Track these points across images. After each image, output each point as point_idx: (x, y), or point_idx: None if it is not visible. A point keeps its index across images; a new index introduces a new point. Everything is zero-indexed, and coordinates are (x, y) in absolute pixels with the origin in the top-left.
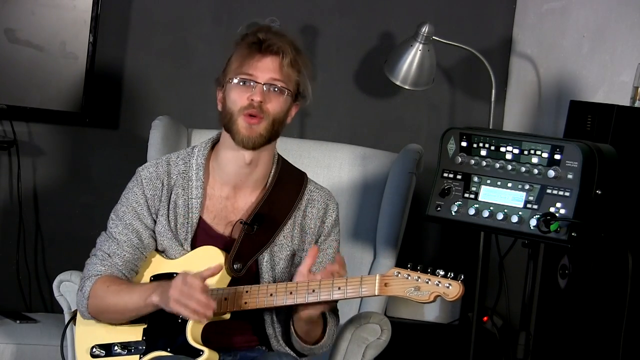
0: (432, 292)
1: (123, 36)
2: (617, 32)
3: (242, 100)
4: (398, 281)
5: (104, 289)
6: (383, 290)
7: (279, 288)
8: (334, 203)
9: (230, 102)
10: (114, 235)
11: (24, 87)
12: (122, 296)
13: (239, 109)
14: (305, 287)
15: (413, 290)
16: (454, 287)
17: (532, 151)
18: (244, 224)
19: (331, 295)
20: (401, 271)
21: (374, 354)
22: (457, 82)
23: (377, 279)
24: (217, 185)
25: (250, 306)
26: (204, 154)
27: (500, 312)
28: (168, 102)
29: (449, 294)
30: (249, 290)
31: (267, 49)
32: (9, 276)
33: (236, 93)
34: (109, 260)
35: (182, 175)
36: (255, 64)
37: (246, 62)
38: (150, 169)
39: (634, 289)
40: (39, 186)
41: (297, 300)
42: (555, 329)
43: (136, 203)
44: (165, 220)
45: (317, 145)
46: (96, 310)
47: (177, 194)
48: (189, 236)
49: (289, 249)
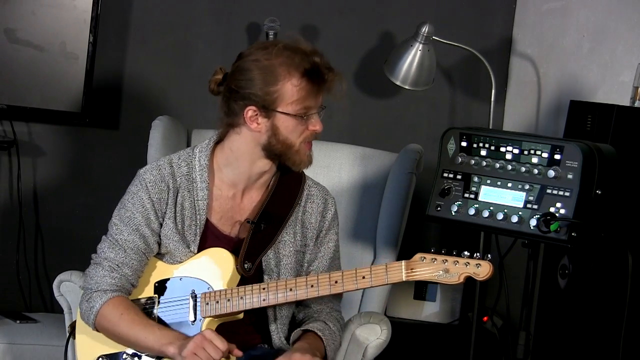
0: (461, 273)
1: (123, 36)
2: (617, 32)
3: (305, 132)
4: (424, 265)
5: (116, 315)
6: (410, 276)
7: (298, 282)
8: (331, 198)
9: (290, 132)
10: (120, 242)
11: (24, 87)
12: (135, 331)
13: (303, 139)
14: (327, 279)
15: (442, 273)
16: (483, 266)
17: (532, 151)
18: (252, 223)
19: (356, 285)
20: (426, 256)
21: (374, 354)
22: (457, 82)
23: (403, 264)
24: (223, 186)
25: (270, 302)
26: (207, 155)
27: (500, 312)
28: (168, 102)
29: (479, 274)
30: (265, 287)
31: (328, 84)
32: (9, 276)
33: (298, 125)
34: (118, 271)
35: (186, 177)
36: (317, 96)
37: (311, 97)
38: (154, 172)
39: (634, 289)
40: (39, 186)
41: (321, 292)
42: (555, 329)
43: (143, 208)
44: (172, 223)
45: (317, 145)
46: (104, 331)
47: (183, 196)
48: (197, 238)
49: (292, 246)
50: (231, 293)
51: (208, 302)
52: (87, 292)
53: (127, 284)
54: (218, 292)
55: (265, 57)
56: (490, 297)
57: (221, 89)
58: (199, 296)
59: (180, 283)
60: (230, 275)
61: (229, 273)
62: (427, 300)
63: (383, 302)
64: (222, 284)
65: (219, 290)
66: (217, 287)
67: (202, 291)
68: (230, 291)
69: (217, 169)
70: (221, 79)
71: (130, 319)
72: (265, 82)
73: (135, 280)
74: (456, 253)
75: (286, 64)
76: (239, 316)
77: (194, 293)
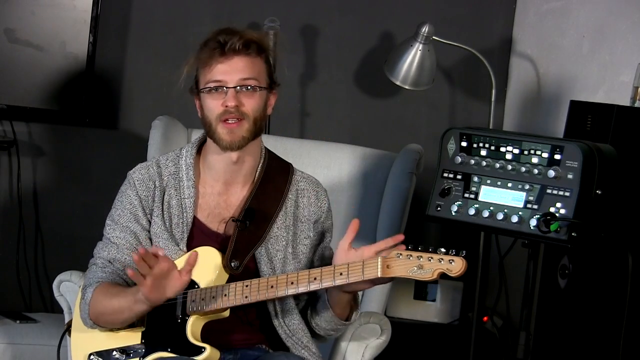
0: (435, 269)
1: (123, 36)
2: (617, 32)
3: (217, 107)
4: (400, 262)
5: (103, 293)
6: (386, 272)
7: (279, 279)
8: (322, 188)
9: (207, 110)
10: (112, 240)
11: (24, 87)
12: (118, 298)
13: (216, 116)
14: (306, 276)
15: (416, 270)
16: (457, 262)
17: (532, 151)
18: (236, 221)
19: (334, 281)
20: (402, 252)
21: (374, 354)
22: (457, 82)
23: (379, 261)
24: (209, 183)
25: (252, 300)
26: (192, 153)
27: (500, 312)
28: (168, 102)
29: (452, 270)
30: (248, 284)
31: (230, 50)
32: (9, 276)
33: (210, 101)
34: (110, 266)
35: (173, 176)
36: (222, 68)
37: (213, 68)
38: (142, 171)
39: (634, 289)
40: (39, 186)
41: (300, 289)
42: (555, 329)
43: (130, 205)
44: (160, 221)
45: (317, 145)
46: (95, 314)
47: (170, 195)
48: (184, 236)
49: (284, 240)
50: (216, 291)
51: (194, 300)
52: (82, 290)
53: (117, 278)
54: (204, 290)
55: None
56: (490, 297)
57: None
58: (187, 294)
59: None
60: (217, 274)
61: (217, 271)
62: (427, 300)
63: (383, 302)
64: (210, 282)
65: (205, 288)
66: (205, 285)
67: (190, 289)
68: (215, 289)
69: (203, 166)
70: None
71: (114, 291)
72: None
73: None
74: (432, 249)
75: (201, 46)
76: (225, 314)
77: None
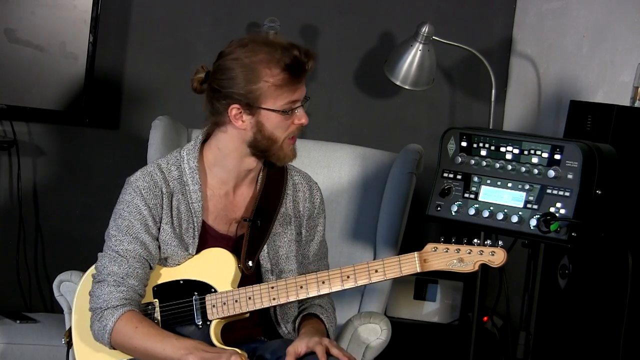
0: (476, 261)
1: (123, 36)
2: (617, 32)
3: (290, 125)
4: (438, 256)
5: (131, 329)
6: (424, 267)
7: (309, 279)
8: (315, 183)
9: (276, 129)
10: (121, 253)
11: (24, 87)
12: (152, 342)
13: (287, 134)
14: (339, 274)
15: (456, 262)
16: (498, 253)
17: (532, 151)
18: (249, 221)
19: (370, 279)
20: (438, 246)
21: (374, 354)
22: (457, 82)
23: (416, 256)
24: (214, 185)
25: (280, 301)
26: (195, 156)
27: (500, 312)
28: (168, 102)
29: (494, 261)
30: (274, 286)
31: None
32: (9, 276)
33: (282, 120)
34: (123, 284)
35: (178, 181)
36: (303, 89)
37: (298, 89)
38: (146, 178)
39: (634, 289)
40: (39, 186)
41: (333, 288)
42: (555, 329)
43: (140, 214)
44: (170, 228)
45: (317, 145)
46: (121, 347)
47: (178, 200)
48: (195, 240)
49: (286, 237)
50: (238, 294)
51: (215, 305)
52: (96, 312)
53: (135, 295)
54: (224, 294)
55: (245, 54)
56: (490, 297)
57: (204, 87)
58: (204, 299)
59: (182, 286)
60: (233, 275)
61: (232, 273)
62: (427, 300)
63: (383, 302)
64: (226, 284)
65: (225, 292)
66: (221, 288)
67: (206, 293)
68: (237, 292)
69: (207, 168)
70: (204, 78)
71: (146, 330)
72: (246, 81)
73: (142, 290)
74: (466, 242)
75: (266, 61)
76: (245, 315)
77: (197, 295)
